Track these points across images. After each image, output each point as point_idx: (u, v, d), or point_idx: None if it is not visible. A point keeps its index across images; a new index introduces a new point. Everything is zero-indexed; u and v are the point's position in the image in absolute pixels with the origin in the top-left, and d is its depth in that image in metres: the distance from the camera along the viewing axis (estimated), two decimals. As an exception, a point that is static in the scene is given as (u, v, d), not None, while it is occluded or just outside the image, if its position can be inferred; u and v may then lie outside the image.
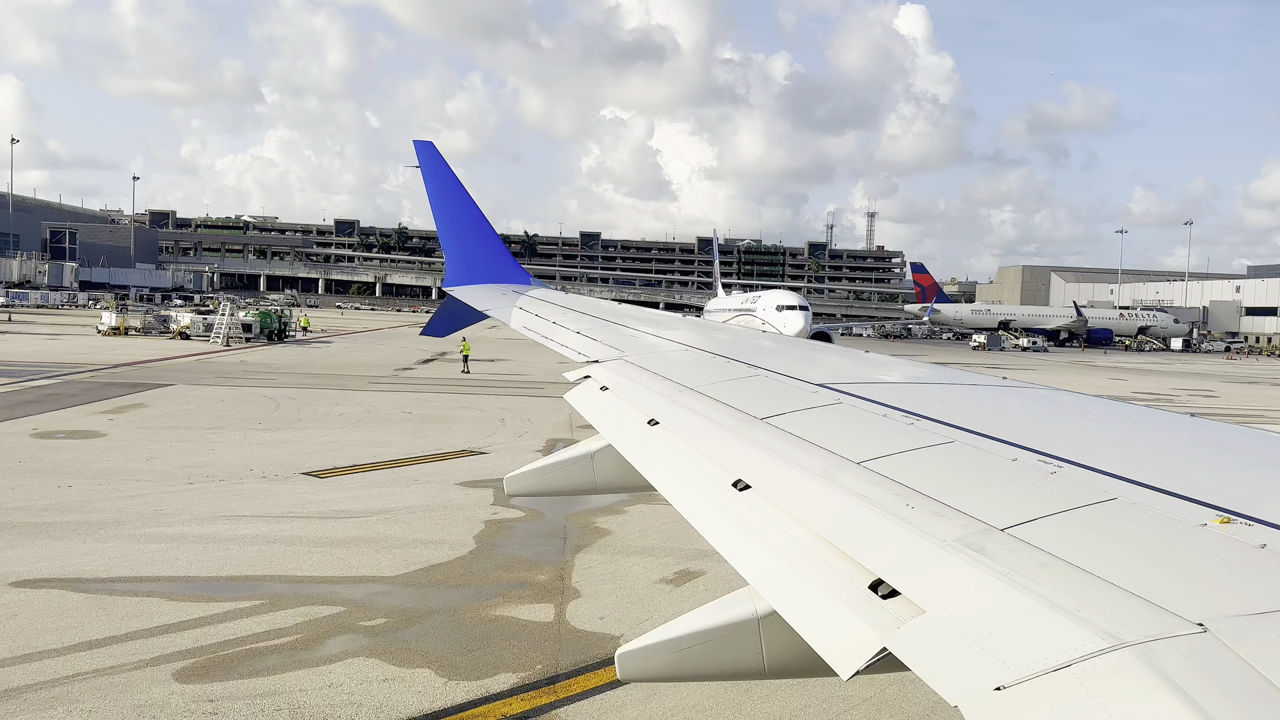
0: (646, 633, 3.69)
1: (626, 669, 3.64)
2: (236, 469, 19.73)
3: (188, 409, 28.65)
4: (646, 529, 16.29)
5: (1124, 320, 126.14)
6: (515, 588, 12.80)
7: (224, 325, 58.84)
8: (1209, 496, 2.81)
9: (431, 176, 14.19)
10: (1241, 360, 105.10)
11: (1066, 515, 2.77)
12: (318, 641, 10.57)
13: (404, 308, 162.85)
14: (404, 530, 15.41)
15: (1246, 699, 1.75)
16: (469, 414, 30.31)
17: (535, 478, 6.37)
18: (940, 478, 3.31)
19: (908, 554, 2.77)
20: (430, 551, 14.24)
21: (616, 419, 5.62)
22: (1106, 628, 2.07)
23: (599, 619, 11.67)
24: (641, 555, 14.66)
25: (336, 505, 16.94)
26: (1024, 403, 5.21)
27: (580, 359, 7.63)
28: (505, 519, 16.55)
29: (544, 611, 11.88)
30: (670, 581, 13.36)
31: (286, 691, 9.23)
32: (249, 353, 51.99)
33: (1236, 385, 62.10)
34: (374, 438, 24.76)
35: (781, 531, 3.25)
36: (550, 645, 10.76)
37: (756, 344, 8.66)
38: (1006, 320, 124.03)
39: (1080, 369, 75.35)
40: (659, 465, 4.53)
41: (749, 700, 9.52)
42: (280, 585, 12.46)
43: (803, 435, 4.12)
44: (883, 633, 2.46)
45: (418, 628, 11.14)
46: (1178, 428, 4.29)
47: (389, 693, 9.32)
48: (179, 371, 39.75)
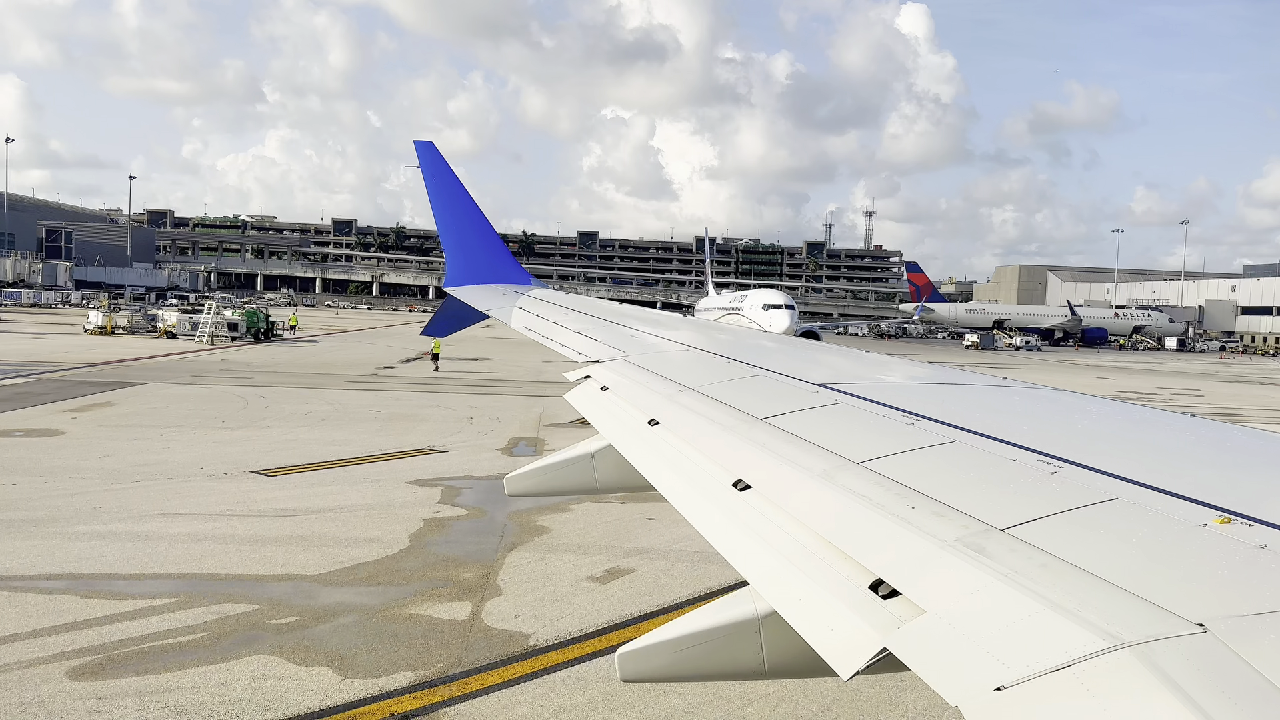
0: (647, 633, 3.71)
1: (627, 669, 3.64)
2: (186, 467, 19.70)
3: (154, 408, 28.63)
4: (587, 527, 16.25)
5: (1119, 320, 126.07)
6: (438, 586, 12.75)
7: (208, 324, 58.87)
8: (1209, 496, 2.82)
9: (432, 176, 14.18)
10: (1235, 359, 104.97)
11: (1067, 515, 2.78)
12: (222, 639, 10.54)
13: (400, 307, 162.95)
14: (340, 529, 15.37)
15: (1247, 699, 1.75)
16: (438, 412, 30.28)
17: (535, 478, 6.34)
18: (941, 478, 3.32)
19: (908, 554, 2.79)
20: (361, 550, 14.20)
21: (617, 419, 5.64)
22: (1107, 628, 2.07)
23: (514, 617, 11.63)
24: (575, 553, 14.61)
25: (278, 504, 16.90)
26: (1024, 403, 5.23)
27: (580, 359, 7.64)
28: (446, 517, 16.52)
29: (460, 610, 11.83)
30: (597, 580, 13.32)
31: (177, 689, 9.19)
32: (232, 351, 51.99)
33: (1224, 384, 62.04)
34: (336, 436, 24.73)
35: (782, 531, 3.27)
36: (458, 643, 10.71)
37: (757, 344, 8.70)
38: (1001, 319, 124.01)
39: (1071, 368, 75.30)
40: (659, 465, 4.55)
41: (639, 699, 9.48)
42: (200, 583, 12.43)
43: (803, 435, 4.14)
44: (883, 633, 2.47)
45: (328, 626, 11.10)
46: (1178, 427, 4.29)
47: (280, 690, 9.29)
48: (156, 370, 39.72)
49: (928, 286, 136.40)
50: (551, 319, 10.02)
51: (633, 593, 12.77)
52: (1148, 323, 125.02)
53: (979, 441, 3.72)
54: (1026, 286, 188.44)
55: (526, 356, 53.91)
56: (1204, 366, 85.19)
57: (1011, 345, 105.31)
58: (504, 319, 10.95)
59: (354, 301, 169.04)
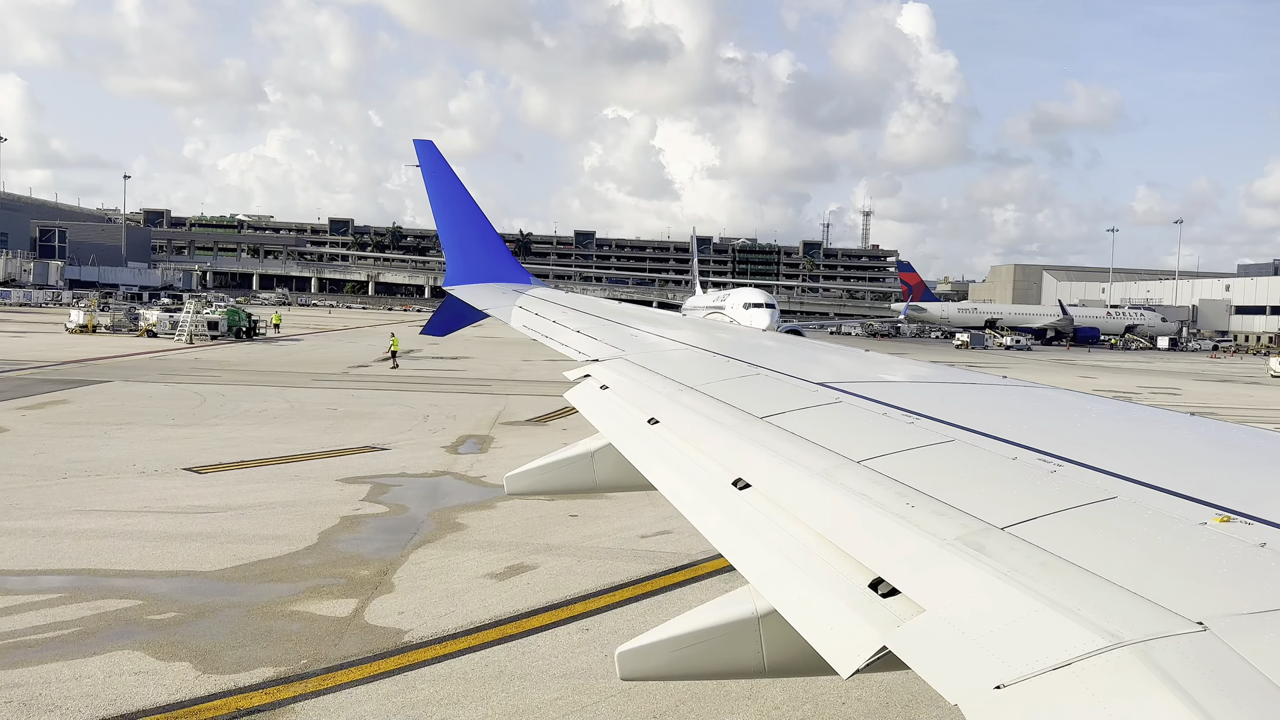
0: (647, 631, 3.70)
1: (626, 668, 3.64)
2: (119, 464, 19.67)
3: (109, 405, 28.61)
4: (506, 524, 16.22)
5: (1111, 319, 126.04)
6: (330, 583, 12.71)
7: (188, 323, 58.92)
8: (1209, 495, 2.82)
9: (431, 175, 14.16)
10: (1225, 359, 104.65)
11: (1066, 514, 2.78)
12: (92, 635, 10.51)
13: (396, 306, 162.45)
14: (252, 526, 15.34)
15: (1246, 698, 1.75)
16: (395, 410, 30.21)
17: (534, 477, 6.37)
18: (940, 476, 3.32)
19: (908, 553, 2.79)
20: (265, 547, 14.16)
21: (616, 418, 5.65)
22: (1106, 626, 2.07)
23: (397, 614, 11.59)
24: (483, 550, 14.58)
25: (199, 500, 16.86)
26: (1024, 401, 5.23)
27: (580, 358, 7.64)
28: (364, 515, 16.48)
29: (344, 607, 11.79)
30: (495, 576, 13.27)
31: (29, 684, 9.16)
32: (209, 350, 51.94)
33: (1204, 383, 61.89)
34: (283, 434, 24.69)
35: (781, 530, 3.27)
36: (329, 640, 10.67)
37: (757, 343, 8.68)
38: (994, 319, 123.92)
39: (1057, 366, 75.23)
40: (659, 464, 4.57)
41: (495, 694, 9.44)
42: (88, 579, 12.41)
43: (803, 434, 4.14)
44: (883, 631, 2.47)
45: (204, 622, 11.07)
46: (1178, 426, 4.30)
47: (133, 685, 9.26)
48: (124, 369, 39.68)
49: (920, 286, 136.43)
50: (551, 318, 10.07)
51: (527, 589, 12.73)
52: (1140, 322, 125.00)
53: (979, 440, 3.73)
54: (1021, 286, 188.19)
55: (507, 355, 53.91)
56: (1190, 366, 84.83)
57: (1002, 344, 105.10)
58: (503, 318, 10.98)
59: (349, 301, 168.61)
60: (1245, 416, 39.09)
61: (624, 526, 16.25)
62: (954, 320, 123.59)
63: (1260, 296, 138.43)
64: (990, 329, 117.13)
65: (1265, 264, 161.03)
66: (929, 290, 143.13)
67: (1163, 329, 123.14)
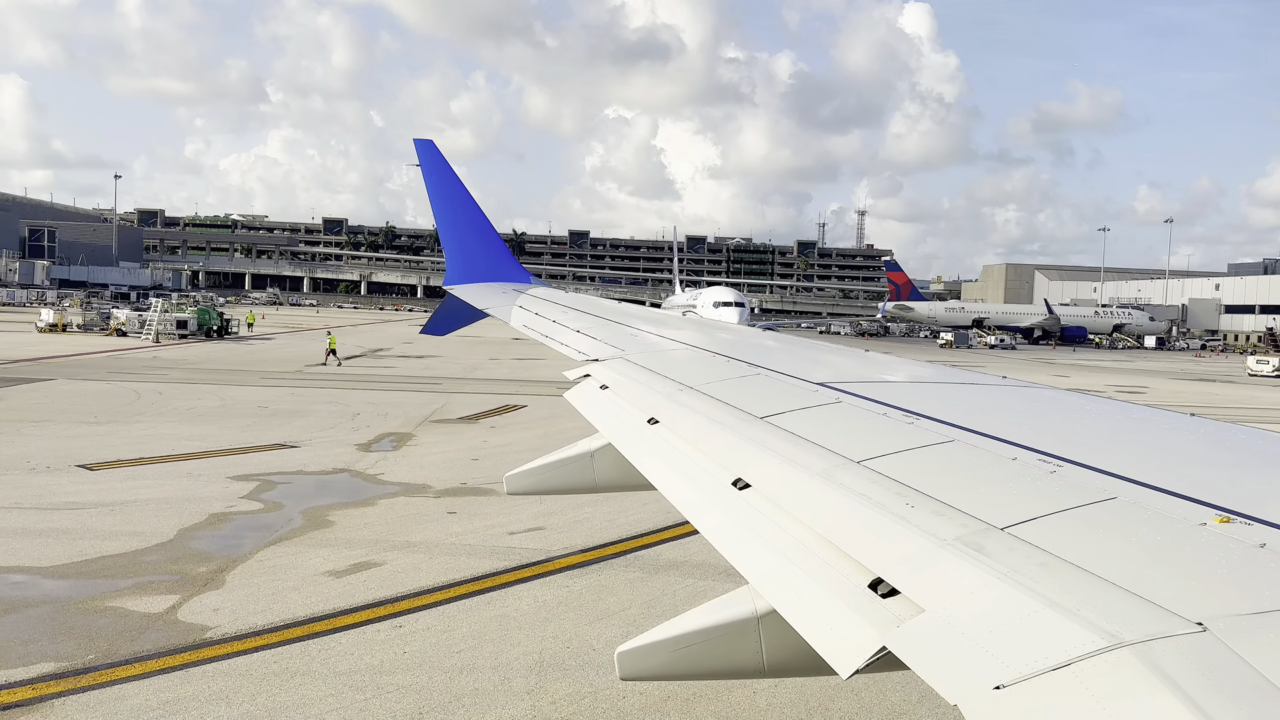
0: (647, 631, 3.67)
1: (626, 668, 3.63)
2: (13, 460, 19.61)
3: (39, 403, 28.67)
4: (376, 521, 16.18)
5: (1099, 318, 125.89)
6: (161, 579, 12.61)
7: (154, 321, 59.06)
8: (1209, 496, 2.82)
9: (431, 175, 14.14)
10: (1210, 358, 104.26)
11: (1066, 514, 2.78)
12: (-122, 629, 10.49)
13: (387, 306, 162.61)
14: (114, 522, 15.28)
15: (1246, 698, 1.75)
16: (328, 408, 30.17)
17: (534, 477, 6.35)
18: (940, 477, 3.33)
19: (907, 553, 2.79)
20: (116, 543, 14.08)
21: (616, 417, 5.66)
22: (1106, 627, 2.08)
23: (213, 611, 11.51)
24: (338, 548, 14.50)
25: (75, 497, 16.83)
26: (1024, 402, 5.24)
27: (580, 357, 7.66)
28: (236, 511, 16.41)
29: (162, 603, 11.71)
30: (335, 574, 13.16)
31: None
32: (173, 349, 52.11)
33: (1177, 381, 61.72)
34: (201, 431, 24.67)
35: (781, 530, 3.28)
36: (129, 636, 10.59)
37: (757, 343, 8.71)
38: (981, 318, 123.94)
39: (1035, 364, 75.13)
40: (658, 464, 4.58)
41: (264, 691, 9.40)
42: (-84, 574, 12.39)
43: (802, 434, 4.15)
44: (882, 631, 2.47)
45: (10, 617, 11.04)
46: (1178, 427, 4.31)
47: (-102, 678, 9.23)
48: (76, 367, 39.72)
49: (907, 285, 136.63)
50: (551, 317, 10.07)
51: (362, 587, 12.64)
52: (1128, 321, 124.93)
53: (978, 440, 3.73)
54: (1013, 285, 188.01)
55: (475, 354, 53.92)
56: (1170, 365, 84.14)
57: (986, 344, 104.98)
58: (503, 317, 10.97)
59: (341, 301, 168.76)
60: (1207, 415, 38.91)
61: (498, 523, 16.21)
62: (941, 319, 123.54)
63: (1249, 296, 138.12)
64: (978, 328, 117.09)
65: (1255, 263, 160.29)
66: (916, 290, 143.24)
67: (1150, 328, 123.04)
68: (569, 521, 16.36)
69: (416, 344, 56.68)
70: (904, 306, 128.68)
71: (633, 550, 14.96)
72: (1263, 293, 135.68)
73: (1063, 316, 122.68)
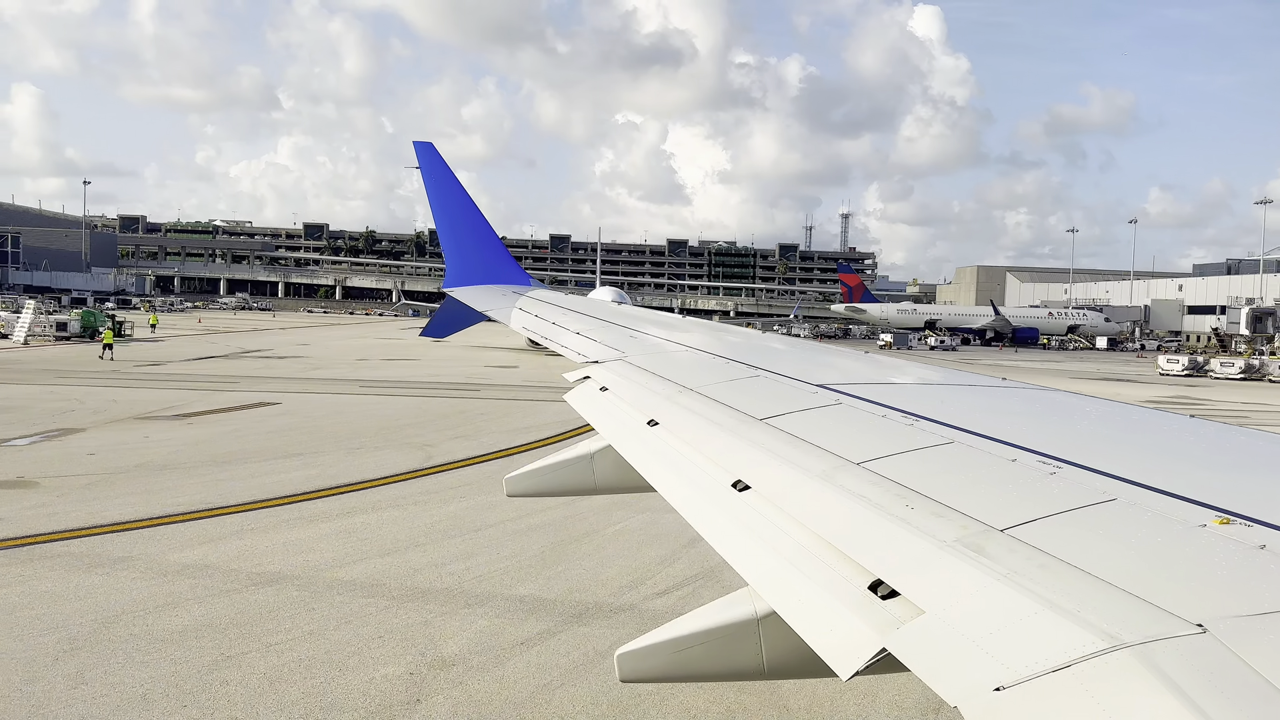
0: (646, 633, 3.67)
1: (626, 669, 3.62)
2: None
3: None
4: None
5: (1053, 319, 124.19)
6: None
7: (26, 324, 60.19)
8: (1208, 497, 2.82)
9: (431, 177, 14.10)
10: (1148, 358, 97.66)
11: (1066, 516, 2.79)
12: None
13: (359, 310, 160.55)
14: None
15: (1246, 700, 1.75)
16: (52, 404, 29.48)
17: (534, 479, 6.34)
18: (940, 478, 3.32)
19: (907, 554, 2.79)
20: None
21: (616, 419, 5.65)
22: (1106, 628, 2.07)
23: None
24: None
25: None
26: (1024, 403, 5.26)
27: (580, 359, 7.66)
28: None
29: None
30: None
31: None
32: (34, 350, 52.46)
33: (1083, 381, 58.20)
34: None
35: (781, 532, 3.27)
36: None
37: (758, 345, 8.74)
38: (933, 320, 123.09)
39: (955, 364, 72.58)
40: (658, 466, 4.57)
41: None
42: None
43: (802, 436, 4.14)
44: (882, 633, 2.46)
45: None
46: (1178, 428, 4.33)
47: None
48: None
49: (859, 287, 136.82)
50: (551, 319, 10.08)
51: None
52: (1083, 322, 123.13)
53: (978, 442, 3.74)
54: (985, 287, 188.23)
55: (344, 351, 53.41)
56: (1096, 365, 79.37)
57: (928, 344, 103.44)
58: (503, 319, 10.98)
59: (312, 306, 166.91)
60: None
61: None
62: (894, 321, 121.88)
63: (1211, 296, 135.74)
64: (930, 330, 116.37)
65: (1219, 264, 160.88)
66: (869, 292, 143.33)
67: (1105, 329, 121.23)
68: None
69: (313, 345, 55.95)
70: (855, 308, 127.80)
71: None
72: (1224, 293, 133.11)
73: (1016, 318, 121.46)
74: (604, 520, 16.37)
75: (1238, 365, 66.79)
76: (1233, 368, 66.45)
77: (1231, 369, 66.21)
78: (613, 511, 16.48)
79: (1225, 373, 65.98)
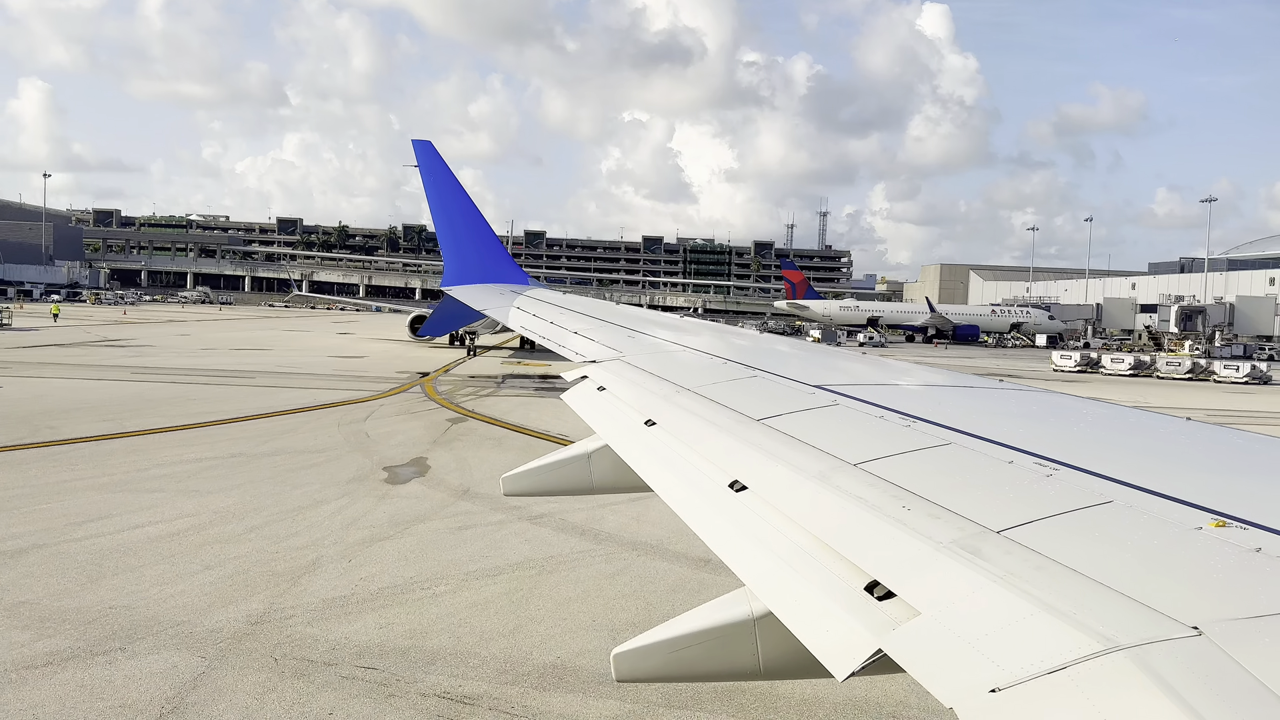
0: (643, 633, 3.67)
1: (622, 669, 3.61)
2: None
3: None
4: None
5: (995, 317, 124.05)
6: None
7: None
8: (1205, 500, 2.84)
9: (430, 176, 14.12)
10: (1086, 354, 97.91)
11: (1062, 518, 2.80)
12: None
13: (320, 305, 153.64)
14: None
15: (1241, 702, 1.76)
16: None
17: (531, 478, 6.28)
18: (936, 480, 3.33)
19: (904, 556, 2.79)
20: None
21: (613, 419, 5.64)
22: (1102, 630, 2.08)
23: None
24: None
25: None
26: (1021, 405, 5.28)
27: (578, 359, 7.64)
28: None
29: None
30: None
31: None
32: None
33: (984, 376, 56.50)
34: None
35: (778, 533, 3.27)
36: None
37: (757, 345, 8.76)
38: (875, 317, 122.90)
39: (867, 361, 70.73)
40: (655, 466, 4.57)
41: None
42: None
43: (800, 437, 4.15)
44: (878, 634, 2.47)
45: None
46: (1174, 431, 4.36)
47: None
48: None
49: (803, 284, 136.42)
50: (548, 318, 10.08)
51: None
52: (1025, 320, 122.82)
53: (975, 444, 3.74)
54: (949, 285, 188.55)
55: (217, 342, 52.27)
56: (1018, 363, 76.45)
57: (858, 341, 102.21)
58: (501, 318, 10.96)
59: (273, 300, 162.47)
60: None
61: None
62: (836, 318, 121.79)
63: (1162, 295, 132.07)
64: (872, 327, 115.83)
65: (1173, 262, 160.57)
66: (812, 288, 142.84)
67: (1048, 327, 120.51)
68: None
69: (192, 336, 55.87)
70: (798, 305, 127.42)
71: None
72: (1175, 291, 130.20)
73: (958, 315, 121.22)
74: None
75: (1127, 362, 65.66)
76: (1122, 364, 65.17)
77: (1121, 365, 64.99)
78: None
79: (1115, 369, 64.61)
